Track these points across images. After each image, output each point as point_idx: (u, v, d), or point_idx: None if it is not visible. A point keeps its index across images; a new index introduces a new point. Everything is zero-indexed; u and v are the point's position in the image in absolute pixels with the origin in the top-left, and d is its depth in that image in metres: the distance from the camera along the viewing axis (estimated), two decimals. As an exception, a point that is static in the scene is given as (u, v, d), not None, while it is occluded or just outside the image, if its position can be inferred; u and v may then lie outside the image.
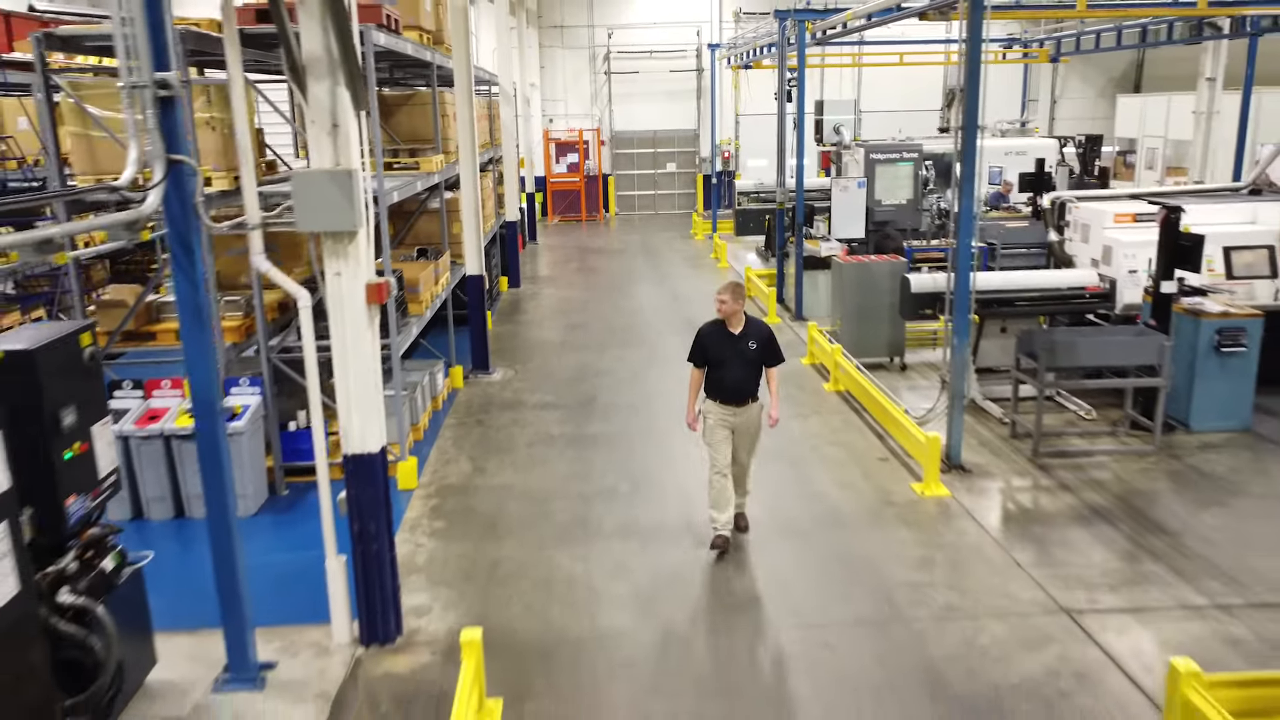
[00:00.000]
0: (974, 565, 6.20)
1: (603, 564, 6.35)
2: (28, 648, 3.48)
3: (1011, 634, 5.38)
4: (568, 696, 4.94)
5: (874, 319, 10.55)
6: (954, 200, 15.95)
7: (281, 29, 4.47)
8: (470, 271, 10.68)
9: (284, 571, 6.29)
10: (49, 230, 3.79)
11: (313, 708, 4.87)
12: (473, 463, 8.25)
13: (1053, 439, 8.39)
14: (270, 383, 7.43)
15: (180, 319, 4.61)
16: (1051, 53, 19.52)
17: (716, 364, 6.37)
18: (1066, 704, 4.74)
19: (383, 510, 5.25)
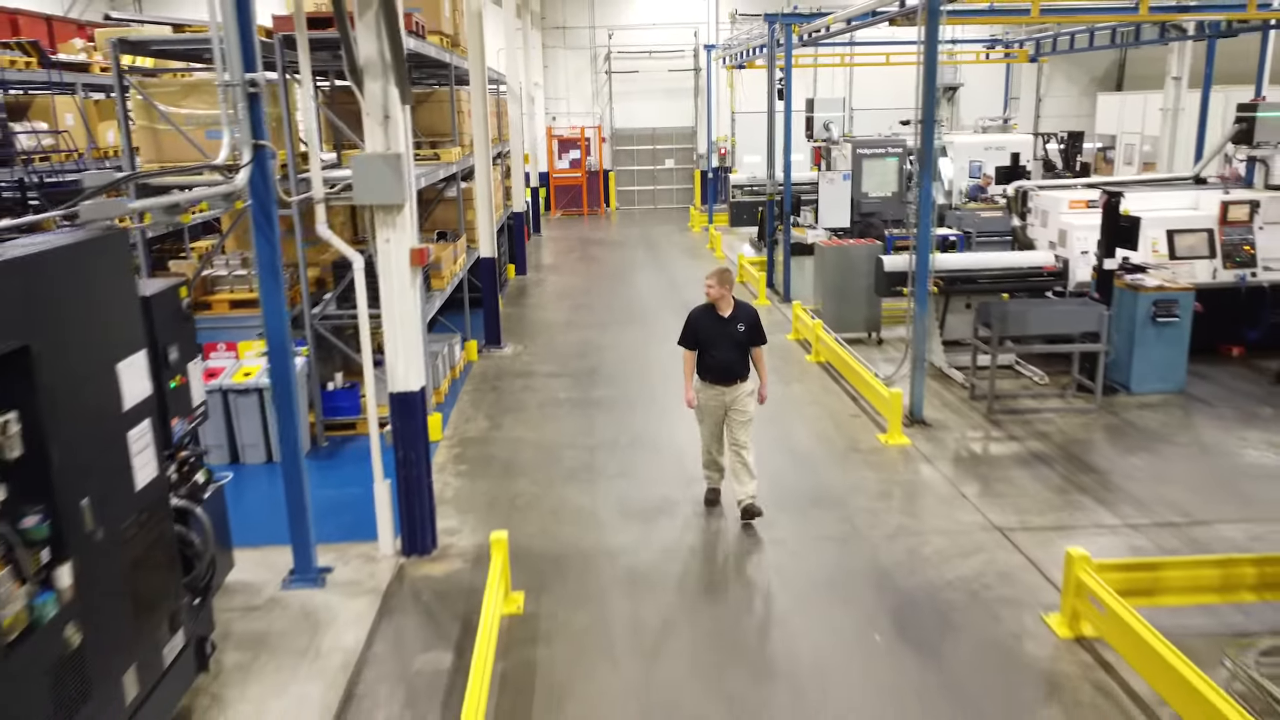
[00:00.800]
0: (925, 497, 7.21)
1: (605, 498, 7.37)
2: (162, 520, 4.47)
3: (950, 545, 6.39)
4: (577, 591, 5.95)
5: (852, 298, 11.56)
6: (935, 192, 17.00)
7: (345, 38, 5.47)
8: (484, 254, 11.69)
9: (330, 504, 7.27)
10: (176, 197, 4.80)
11: (366, 600, 5.88)
12: (490, 420, 9.26)
13: (1007, 400, 9.40)
14: (313, 346, 8.44)
15: (260, 274, 5.62)
16: (1031, 53, 20.49)
17: (707, 346, 6.71)
18: (988, 593, 5.75)
19: (422, 440, 6.25)
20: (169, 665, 4.46)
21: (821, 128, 19.79)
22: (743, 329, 6.70)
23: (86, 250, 3.86)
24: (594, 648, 5.34)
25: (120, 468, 4.06)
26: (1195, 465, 7.69)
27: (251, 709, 4.79)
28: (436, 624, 5.61)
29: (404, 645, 5.40)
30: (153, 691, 4.29)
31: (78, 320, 3.76)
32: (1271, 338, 10.48)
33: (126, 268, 4.23)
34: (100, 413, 3.92)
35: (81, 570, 3.68)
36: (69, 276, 3.71)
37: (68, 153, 12.57)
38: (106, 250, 4.03)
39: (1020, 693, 4.82)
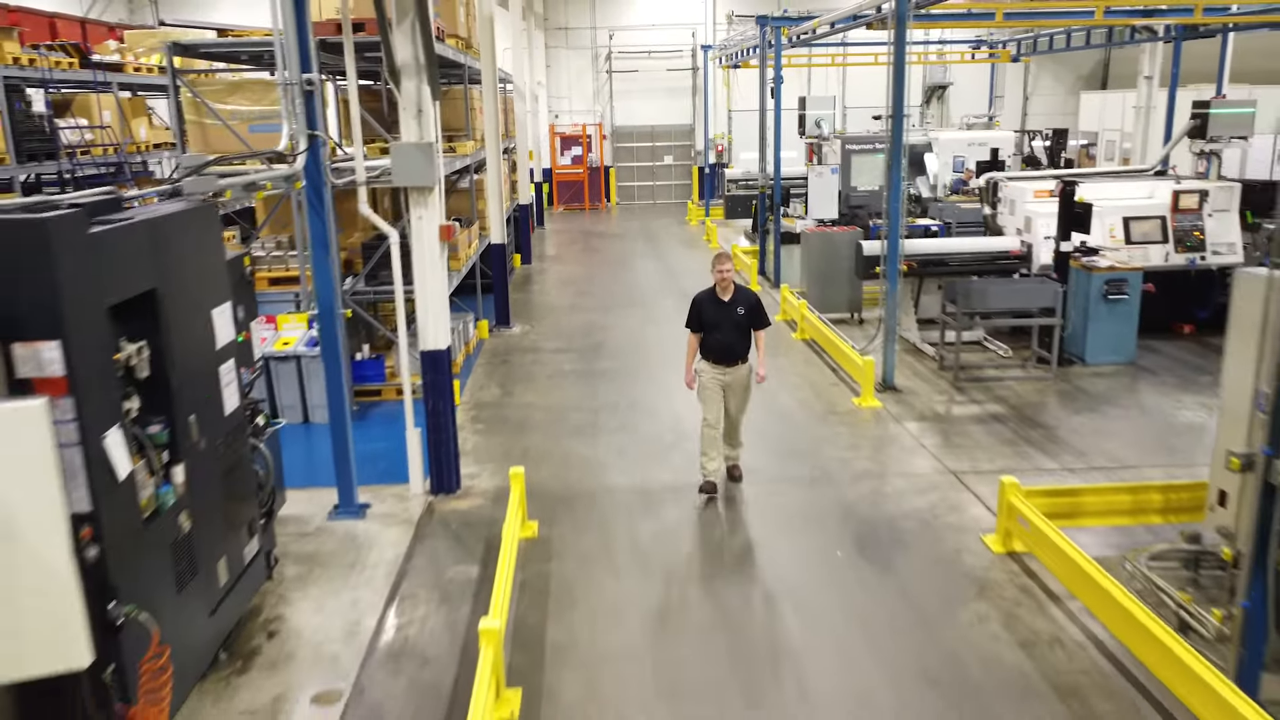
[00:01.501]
0: (890, 448, 8.15)
1: (607, 450, 8.30)
2: (242, 443, 5.38)
3: (908, 486, 7.32)
4: (583, 520, 6.89)
5: (835, 280, 12.50)
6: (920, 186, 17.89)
7: (386, 44, 6.40)
8: (494, 240, 12.62)
9: (363, 456, 8.08)
10: (254, 175, 5.73)
11: (402, 528, 6.81)
12: (502, 388, 10.20)
13: (972, 370, 10.34)
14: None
15: (312, 246, 6.56)
16: (1013, 53, 21.39)
17: (710, 328, 7.08)
18: (937, 521, 6.69)
19: (448, 392, 7.19)
20: (247, 564, 5.41)
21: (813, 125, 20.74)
22: (743, 312, 7.07)
23: (192, 217, 4.80)
24: (598, 563, 6.27)
25: (214, 394, 4.99)
26: (1133, 423, 8.62)
27: (312, 605, 5.73)
28: (463, 546, 6.55)
29: (437, 561, 6.34)
30: (236, 583, 5.22)
31: (187, 272, 4.69)
32: (1220, 317, 11.37)
33: (218, 233, 5.17)
34: (202, 348, 4.86)
35: (189, 472, 4.61)
36: (181, 236, 4.64)
37: (106, 146, 13.49)
38: (205, 218, 4.97)
39: (956, 592, 5.75)
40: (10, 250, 3.50)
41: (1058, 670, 4.95)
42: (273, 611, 5.65)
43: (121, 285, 4.08)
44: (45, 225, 3.55)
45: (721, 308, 7.09)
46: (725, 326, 7.05)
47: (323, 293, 6.66)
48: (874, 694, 4.82)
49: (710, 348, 7.12)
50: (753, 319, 7.12)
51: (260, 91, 9.32)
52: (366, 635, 5.40)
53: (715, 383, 7.12)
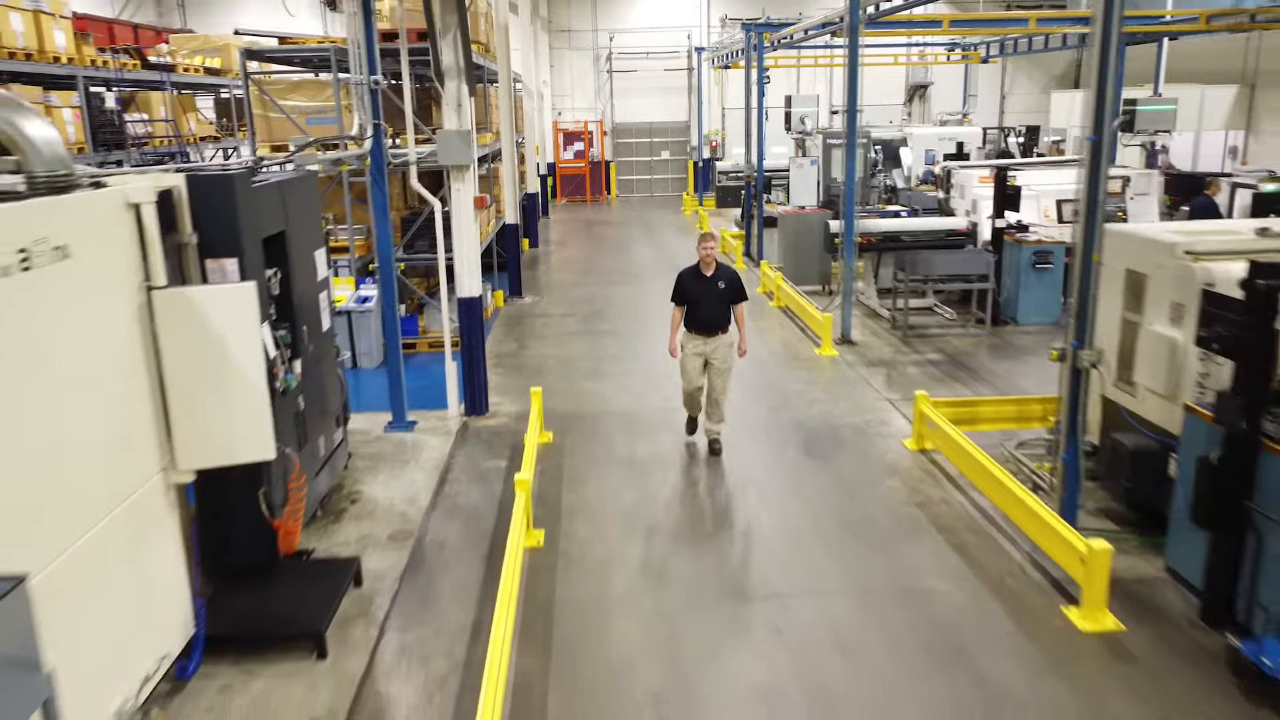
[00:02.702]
0: (840, 384, 9.88)
1: (609, 386, 10.04)
2: (332, 355, 7.10)
3: (851, 409, 9.06)
4: (590, 432, 8.63)
5: (808, 256, 14.23)
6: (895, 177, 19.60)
7: (434, 51, 8.11)
8: (508, 221, 14.35)
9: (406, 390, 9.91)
10: (342, 153, 7.45)
11: (444, 438, 8.54)
12: (518, 343, 11.94)
13: (920, 329, 12.07)
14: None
15: (374, 211, 8.28)
16: (983, 55, 23.11)
17: (693, 301, 7.68)
18: (869, 430, 8.43)
19: (480, 332, 8.91)
20: (335, 447, 7.14)
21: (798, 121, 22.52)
22: (724, 286, 7.66)
23: (302, 181, 6.53)
24: (601, 459, 8.01)
25: (316, 313, 6.72)
26: (1045, 368, 10.23)
27: (381, 484, 7.46)
28: (493, 448, 8.29)
29: (473, 458, 8.08)
30: (329, 459, 6.96)
31: (301, 221, 6.41)
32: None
33: (316, 194, 6.90)
34: (309, 278, 6.58)
35: (304, 366, 6.33)
36: (297, 195, 6.37)
37: (164, 138, 15.21)
38: (308, 183, 6.70)
39: (876, 475, 7.49)
40: (207, 197, 5.21)
41: (941, 518, 6.70)
42: (352, 488, 7.38)
43: (267, 225, 5.81)
44: (231, 179, 5.29)
45: (704, 283, 7.73)
46: (707, 300, 7.67)
47: (383, 249, 8.39)
48: (802, 532, 6.56)
49: (693, 320, 7.73)
50: (733, 293, 7.72)
51: (315, 90, 11.05)
52: (424, 501, 7.13)
53: (697, 355, 7.76)
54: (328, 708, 4.66)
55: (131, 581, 4.29)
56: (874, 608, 5.57)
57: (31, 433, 3.62)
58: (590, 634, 5.38)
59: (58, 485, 3.77)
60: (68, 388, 3.86)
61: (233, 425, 4.72)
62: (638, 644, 5.25)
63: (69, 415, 3.86)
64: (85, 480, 3.96)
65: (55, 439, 3.77)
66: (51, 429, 3.75)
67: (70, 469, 3.86)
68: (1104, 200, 6.09)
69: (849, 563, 6.13)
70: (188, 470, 4.72)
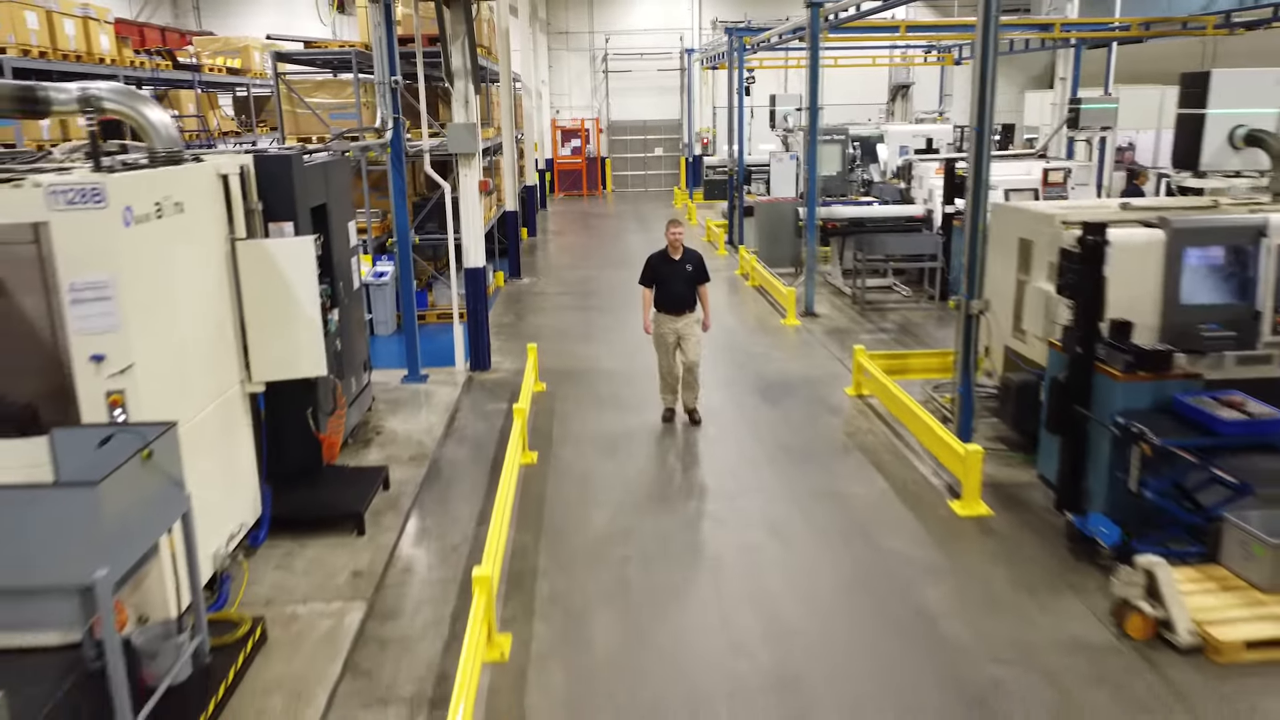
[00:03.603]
0: (800, 348, 11.27)
1: (597, 348, 11.43)
2: (362, 311, 8.47)
3: (806, 366, 10.45)
4: (578, 383, 10.01)
5: (781, 240, 15.61)
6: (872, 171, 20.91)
7: (445, 54, 9.49)
8: (509, 208, 15.73)
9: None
10: (369, 142, 8.82)
11: (452, 388, 9.92)
12: (516, 315, 13.33)
13: (877, 304, 13.46)
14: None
15: (394, 194, 9.65)
16: (956, 58, 24.48)
17: (662, 282, 8.36)
18: (818, 382, 9.81)
19: (484, 298, 10.29)
20: (363, 388, 8.52)
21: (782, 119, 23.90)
22: (690, 268, 8.36)
23: (339, 163, 7.91)
24: (586, 403, 9.39)
25: (349, 274, 8.09)
26: (982, 334, 11.72)
27: (400, 421, 8.83)
28: (495, 396, 9.67)
29: (478, 402, 9.46)
30: (358, 397, 8.34)
31: (338, 196, 7.79)
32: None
33: (350, 176, 8.27)
34: (344, 244, 7.96)
35: (340, 315, 7.71)
36: (335, 174, 7.75)
37: (193, 133, 16.58)
38: (345, 165, 8.08)
39: (818, 414, 8.87)
40: (271, 172, 6.57)
41: (865, 443, 8.09)
42: (376, 424, 8.76)
43: (313, 197, 7.18)
44: (290, 159, 6.66)
45: (672, 265, 8.40)
46: (675, 281, 8.34)
47: (400, 224, 9.77)
48: (751, 454, 7.95)
49: (663, 300, 8.37)
50: (698, 274, 8.41)
51: (336, 88, 12.43)
52: (438, 432, 8.52)
53: (670, 331, 8.45)
54: (368, 565, 6.04)
55: (224, 458, 5.67)
56: (801, 504, 6.95)
57: (169, 330, 5.02)
58: (572, 521, 6.76)
59: (184, 372, 5.16)
60: (185, 305, 5.24)
61: (294, 347, 6.10)
62: (610, 528, 6.63)
63: (187, 325, 5.25)
64: (198, 374, 5.35)
65: (180, 339, 5.16)
66: (178, 331, 5.14)
67: (189, 362, 5.25)
68: (987, 179, 7.40)
69: (787, 475, 7.52)
70: (260, 382, 6.10)
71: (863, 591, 5.72)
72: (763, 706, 4.63)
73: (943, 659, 4.98)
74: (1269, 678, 4.71)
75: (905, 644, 5.14)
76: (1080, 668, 4.85)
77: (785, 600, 5.64)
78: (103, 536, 3.75)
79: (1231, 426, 5.62)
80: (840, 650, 5.11)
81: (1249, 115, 8.56)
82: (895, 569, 5.98)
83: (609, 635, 5.29)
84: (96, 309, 4.57)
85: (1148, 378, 6.05)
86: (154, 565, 4.60)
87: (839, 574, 5.96)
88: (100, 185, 4.47)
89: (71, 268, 4.52)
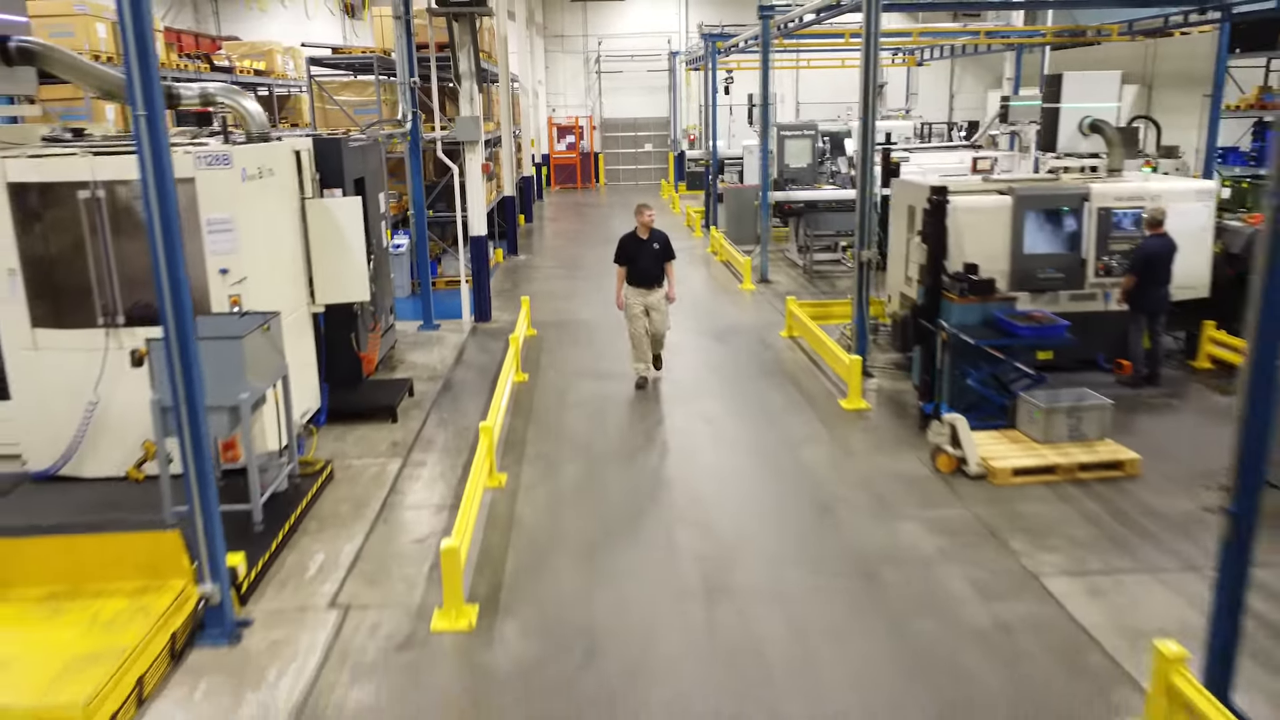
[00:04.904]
0: (752, 306, 13.43)
1: (580, 306, 13.59)
2: (388, 265, 10.59)
3: (753, 319, 12.61)
4: (563, 329, 12.17)
5: (744, 220, 17.76)
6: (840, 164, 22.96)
7: (454, 59, 11.63)
8: (507, 193, 17.89)
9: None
10: (393, 131, 10.96)
11: (459, 334, 12.07)
12: (513, 283, 15.49)
13: (825, 274, 15.61)
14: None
15: (411, 177, 11.79)
16: (918, 59, 26.63)
17: (632, 260, 9.39)
18: (761, 329, 11.97)
19: (485, 261, 12.44)
20: (389, 327, 10.67)
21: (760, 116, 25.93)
22: (658, 247, 9.42)
23: (372, 146, 10.05)
24: (570, 344, 11.55)
25: (380, 233, 10.22)
26: (907, 295, 13.87)
27: (419, 354, 10.99)
28: (495, 338, 11.82)
29: (481, 343, 11.62)
30: (386, 332, 10.48)
31: (372, 172, 9.93)
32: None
33: (382, 156, 10.42)
34: (377, 211, 10.09)
35: (372, 265, 9.84)
36: (370, 154, 9.89)
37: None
38: (376, 148, 10.22)
39: (756, 349, 11.03)
40: (325, 151, 8.69)
41: (788, 368, 10.25)
42: (400, 357, 10.90)
43: (355, 171, 9.31)
44: (339, 142, 8.81)
45: (641, 244, 9.43)
46: (644, 258, 9.37)
47: (417, 200, 11.92)
48: (701, 377, 10.10)
49: (634, 275, 9.40)
50: (664, 252, 9.44)
51: (359, 88, 14.57)
52: (449, 362, 10.67)
53: (640, 304, 9.47)
54: (401, 438, 8.20)
55: (297, 357, 7.81)
56: (732, 406, 9.10)
57: (266, 257, 7.17)
58: (554, 415, 8.92)
59: (275, 288, 7.30)
60: (275, 241, 7.39)
61: (346, 278, 8.25)
62: (583, 423, 8.77)
63: (276, 255, 7.40)
64: (283, 291, 7.49)
65: (273, 264, 7.31)
66: (271, 259, 7.29)
67: (278, 282, 7.39)
68: (873, 158, 9.53)
69: (726, 389, 9.67)
70: (321, 305, 8.24)
71: (762, 451, 7.89)
72: (680, 509, 6.77)
73: (807, 486, 7.13)
74: (1023, 490, 6.87)
75: (783, 479, 7.29)
76: (900, 487, 7.00)
77: (707, 456, 7.80)
78: (241, 375, 5.90)
79: (1026, 331, 7.78)
80: (740, 483, 7.27)
81: (1094, 109, 10.73)
82: (788, 439, 8.13)
83: (575, 476, 7.44)
84: (223, 238, 6.73)
85: (976, 300, 8.18)
86: (263, 413, 6.75)
87: (749, 442, 8.12)
88: (229, 153, 6.62)
89: (208, 208, 6.67)
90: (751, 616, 5.31)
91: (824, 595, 5.54)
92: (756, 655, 4.95)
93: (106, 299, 6.82)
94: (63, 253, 6.86)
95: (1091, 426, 7.38)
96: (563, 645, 5.07)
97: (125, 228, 6.81)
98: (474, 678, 4.84)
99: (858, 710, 4.51)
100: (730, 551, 6.10)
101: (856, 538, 6.25)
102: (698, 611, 5.38)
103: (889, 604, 5.42)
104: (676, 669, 4.85)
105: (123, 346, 6.75)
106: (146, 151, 4.52)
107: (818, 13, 12.56)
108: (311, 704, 4.60)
